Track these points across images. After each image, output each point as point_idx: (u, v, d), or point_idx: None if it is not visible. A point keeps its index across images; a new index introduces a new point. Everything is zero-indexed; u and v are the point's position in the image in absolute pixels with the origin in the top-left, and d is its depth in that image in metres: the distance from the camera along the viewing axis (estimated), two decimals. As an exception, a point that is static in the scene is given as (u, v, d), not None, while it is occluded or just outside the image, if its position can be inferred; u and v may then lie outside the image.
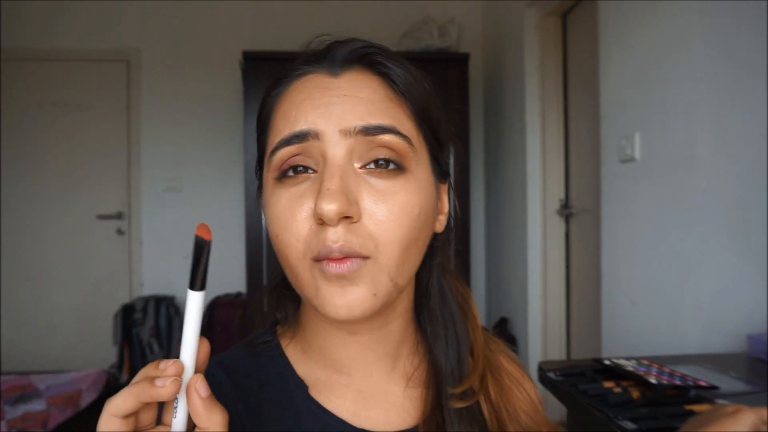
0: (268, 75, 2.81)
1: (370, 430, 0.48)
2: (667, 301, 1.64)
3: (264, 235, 2.81)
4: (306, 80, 0.45)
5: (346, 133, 0.42)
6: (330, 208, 0.39)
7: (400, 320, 0.51)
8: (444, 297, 0.53)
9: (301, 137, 0.42)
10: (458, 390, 0.49)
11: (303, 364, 0.51)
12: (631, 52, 1.84)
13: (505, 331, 3.05)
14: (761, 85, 1.30)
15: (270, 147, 0.45)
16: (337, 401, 0.49)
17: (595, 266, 2.13)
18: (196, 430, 0.34)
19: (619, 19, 1.91)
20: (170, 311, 3.23)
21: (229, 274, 3.38)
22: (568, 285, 2.72)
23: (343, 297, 0.41)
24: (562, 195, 2.72)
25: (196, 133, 3.49)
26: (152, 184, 3.49)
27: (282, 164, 0.44)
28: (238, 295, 3.30)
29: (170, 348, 3.19)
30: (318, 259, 0.41)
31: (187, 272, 0.35)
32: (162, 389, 0.32)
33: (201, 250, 0.34)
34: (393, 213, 0.42)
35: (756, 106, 1.32)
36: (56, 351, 3.38)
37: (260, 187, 0.49)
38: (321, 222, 0.41)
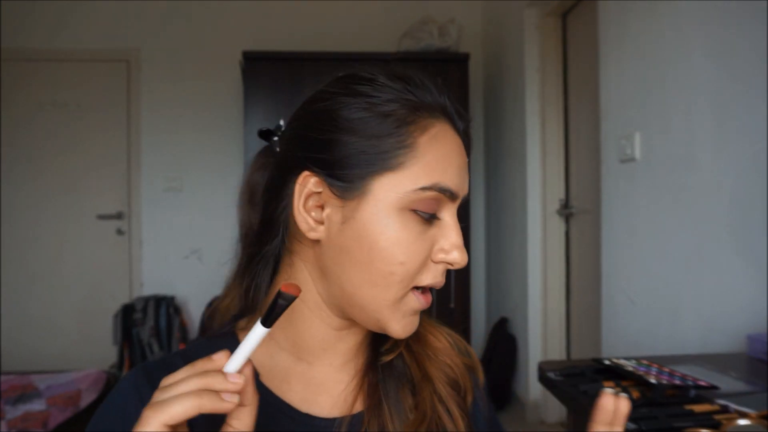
0: (268, 75, 2.81)
1: (316, 415, 0.51)
2: (667, 301, 1.64)
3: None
4: (444, 126, 0.50)
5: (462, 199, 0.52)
6: (465, 259, 0.49)
7: None
8: None
9: (449, 193, 0.49)
10: (386, 347, 0.55)
11: (262, 351, 0.53)
12: (631, 52, 1.84)
13: (505, 331, 3.05)
14: (761, 85, 1.30)
15: (413, 180, 0.47)
16: (286, 387, 0.52)
17: (595, 266, 2.13)
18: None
19: (619, 19, 1.91)
20: (170, 311, 3.23)
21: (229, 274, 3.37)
22: (568, 285, 2.72)
23: (412, 325, 0.50)
24: (562, 195, 2.72)
25: (197, 133, 3.49)
26: (152, 184, 3.49)
27: (420, 204, 0.48)
28: (238, 295, 3.30)
29: (170, 348, 3.18)
30: (419, 287, 0.49)
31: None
32: (227, 404, 0.37)
33: (286, 304, 0.39)
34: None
35: (756, 106, 1.32)
36: (56, 351, 3.37)
37: (346, 183, 0.48)
38: (444, 262, 0.49)
